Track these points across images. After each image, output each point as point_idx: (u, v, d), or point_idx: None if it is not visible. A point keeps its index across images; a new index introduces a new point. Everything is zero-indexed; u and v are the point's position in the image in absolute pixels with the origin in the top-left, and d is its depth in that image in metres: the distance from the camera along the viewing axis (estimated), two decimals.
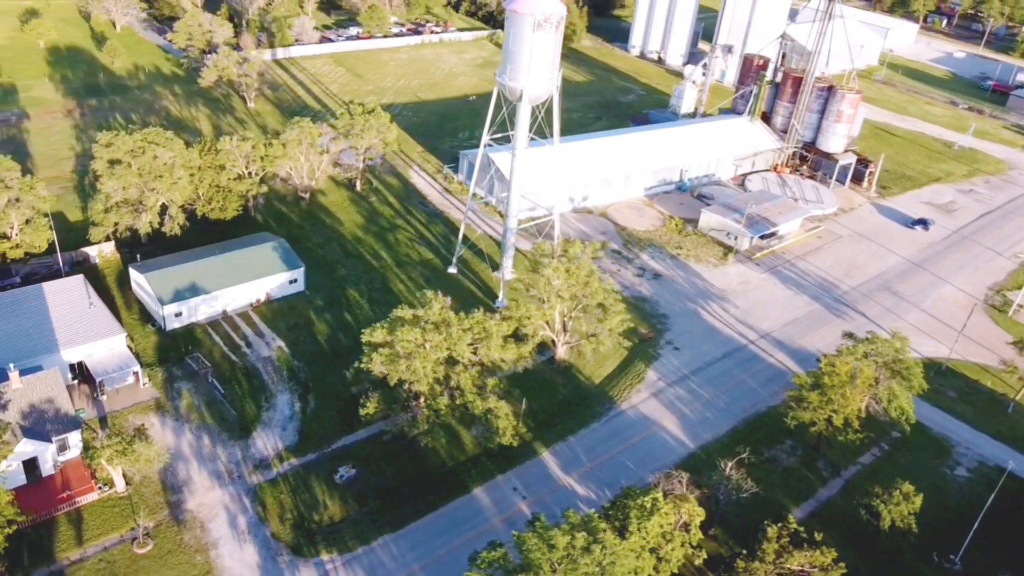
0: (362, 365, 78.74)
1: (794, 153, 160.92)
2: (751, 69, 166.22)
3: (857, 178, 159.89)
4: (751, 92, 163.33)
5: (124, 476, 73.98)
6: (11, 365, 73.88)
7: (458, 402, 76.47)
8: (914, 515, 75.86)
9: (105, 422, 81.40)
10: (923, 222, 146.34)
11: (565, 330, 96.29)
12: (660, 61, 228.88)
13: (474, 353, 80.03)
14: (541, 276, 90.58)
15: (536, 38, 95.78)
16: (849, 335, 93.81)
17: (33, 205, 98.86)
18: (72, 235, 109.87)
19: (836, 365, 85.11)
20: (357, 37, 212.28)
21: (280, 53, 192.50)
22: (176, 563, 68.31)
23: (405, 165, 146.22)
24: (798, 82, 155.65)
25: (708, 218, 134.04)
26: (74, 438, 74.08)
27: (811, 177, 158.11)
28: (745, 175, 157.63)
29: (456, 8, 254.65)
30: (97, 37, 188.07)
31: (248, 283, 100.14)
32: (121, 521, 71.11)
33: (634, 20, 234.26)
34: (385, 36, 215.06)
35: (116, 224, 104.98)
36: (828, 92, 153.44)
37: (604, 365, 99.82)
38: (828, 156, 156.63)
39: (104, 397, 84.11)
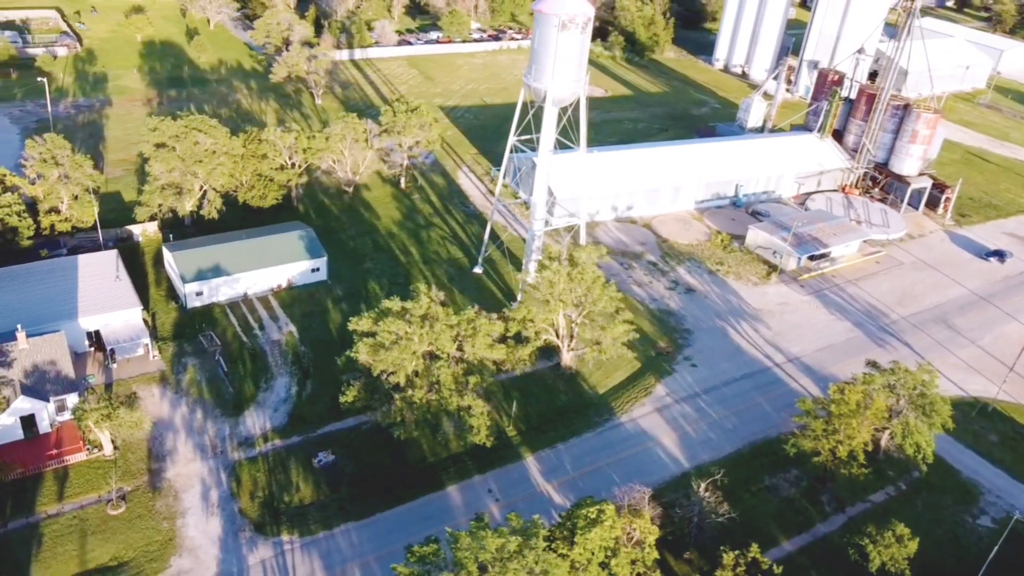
0: (351, 354, 79.54)
1: (865, 174, 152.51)
2: (825, 84, 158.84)
3: (932, 203, 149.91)
4: (821, 108, 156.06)
5: (112, 441, 77.18)
6: (19, 326, 78.48)
7: (434, 397, 75.91)
8: (909, 560, 69.96)
9: (111, 388, 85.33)
10: (999, 254, 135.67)
11: (572, 337, 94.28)
12: (744, 75, 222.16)
13: (459, 349, 79.42)
14: (543, 279, 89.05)
15: (561, 39, 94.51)
16: (872, 364, 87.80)
17: (81, 182, 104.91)
18: (124, 214, 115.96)
19: (845, 393, 79.86)
20: (436, 41, 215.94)
21: (358, 54, 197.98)
22: (143, 527, 70.60)
23: (455, 166, 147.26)
24: (872, 99, 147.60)
25: (755, 235, 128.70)
26: (72, 400, 77.84)
27: (881, 200, 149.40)
28: (808, 194, 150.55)
29: None
30: (190, 33, 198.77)
31: (270, 268, 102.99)
32: (102, 483, 74.14)
33: (719, 32, 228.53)
34: (464, 41, 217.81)
35: (160, 205, 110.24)
36: (904, 111, 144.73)
37: (612, 376, 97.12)
38: (901, 179, 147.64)
39: (115, 365, 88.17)
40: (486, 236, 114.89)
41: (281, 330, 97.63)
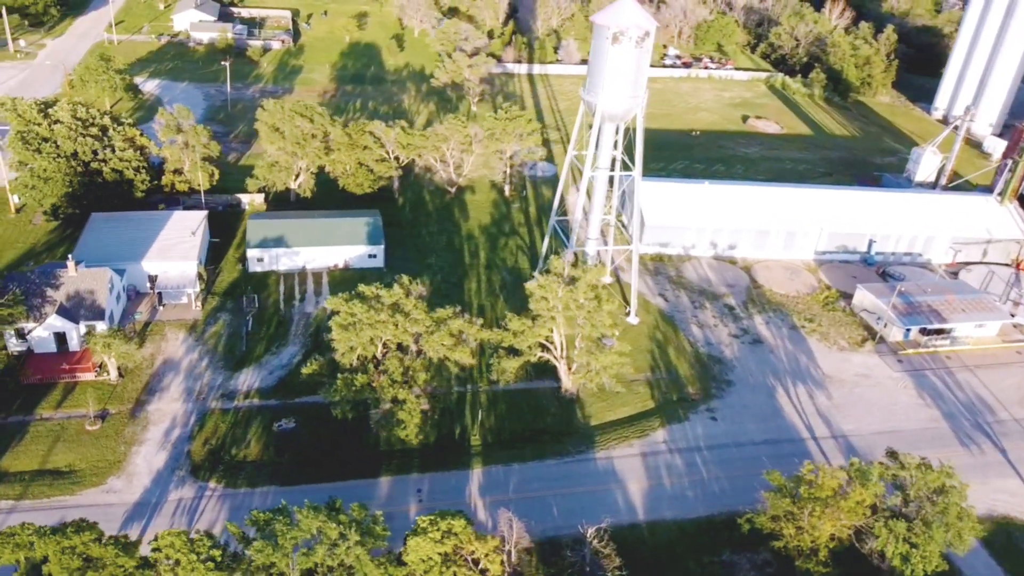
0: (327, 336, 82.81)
1: None
2: (1018, 142, 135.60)
3: None
4: (1007, 167, 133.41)
5: (118, 369, 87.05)
6: (70, 256, 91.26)
7: (375, 384, 76.63)
8: None
9: (149, 326, 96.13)
10: None
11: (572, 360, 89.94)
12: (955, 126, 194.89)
13: (415, 343, 79.48)
14: (537, 294, 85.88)
15: (613, 52, 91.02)
16: (891, 454, 74.21)
17: (199, 150, 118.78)
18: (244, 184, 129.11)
19: (819, 475, 68.52)
20: None
21: (536, 69, 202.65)
22: (103, 446, 78.94)
23: (571, 181, 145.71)
24: None
25: (862, 296, 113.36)
26: (100, 327, 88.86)
27: None
28: (966, 264, 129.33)
29: (753, 49, 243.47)
30: (394, 38, 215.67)
31: (329, 247, 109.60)
32: (96, 402, 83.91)
33: (943, 78, 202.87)
34: (652, 65, 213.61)
35: (266, 179, 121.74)
36: None
37: (616, 410, 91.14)
38: None
39: (162, 307, 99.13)
40: (544, 248, 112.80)
41: (316, 305, 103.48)
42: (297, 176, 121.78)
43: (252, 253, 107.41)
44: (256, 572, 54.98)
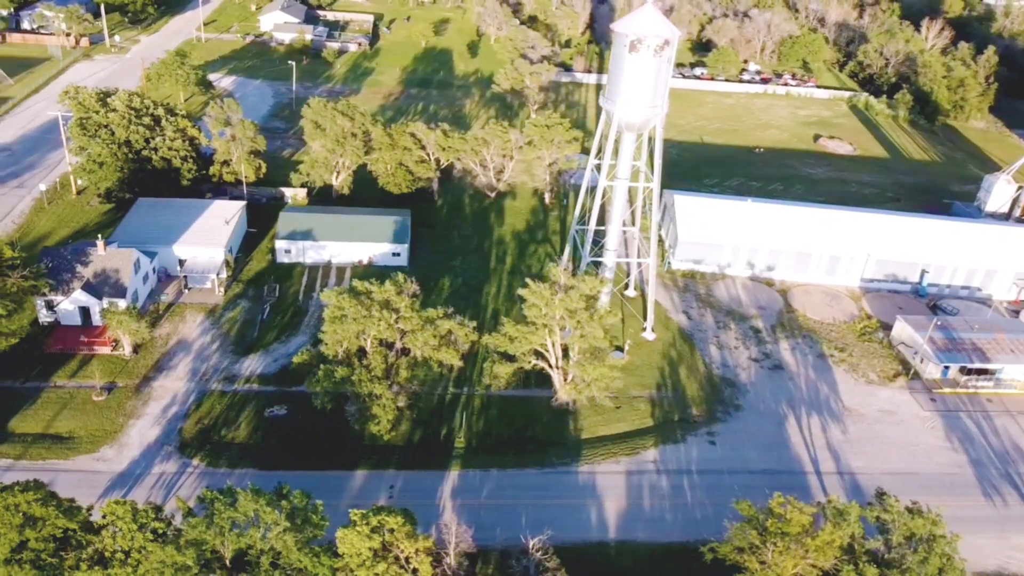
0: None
1: None
2: None
3: None
4: None
5: (133, 345, 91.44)
6: (99, 235, 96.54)
7: (354, 377, 77.52)
8: None
9: (171, 307, 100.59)
10: None
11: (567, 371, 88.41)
12: None
13: (400, 340, 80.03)
14: (529, 301, 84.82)
15: (631, 60, 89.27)
16: (881, 493, 69.47)
17: (244, 144, 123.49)
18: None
19: (789, 509, 64.85)
20: (697, 77, 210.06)
21: (605, 79, 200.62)
22: (104, 417, 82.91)
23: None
24: None
25: (902, 329, 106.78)
26: (121, 304, 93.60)
27: None
28: None
29: (841, 67, 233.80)
30: (468, 45, 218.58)
31: (354, 243, 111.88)
32: (107, 374, 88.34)
33: None
34: (727, 80, 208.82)
35: (308, 175, 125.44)
36: None
37: (611, 425, 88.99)
38: None
39: (188, 290, 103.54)
40: (564, 257, 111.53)
41: None
42: (337, 173, 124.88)
43: (280, 244, 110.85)
44: (186, 546, 56.50)
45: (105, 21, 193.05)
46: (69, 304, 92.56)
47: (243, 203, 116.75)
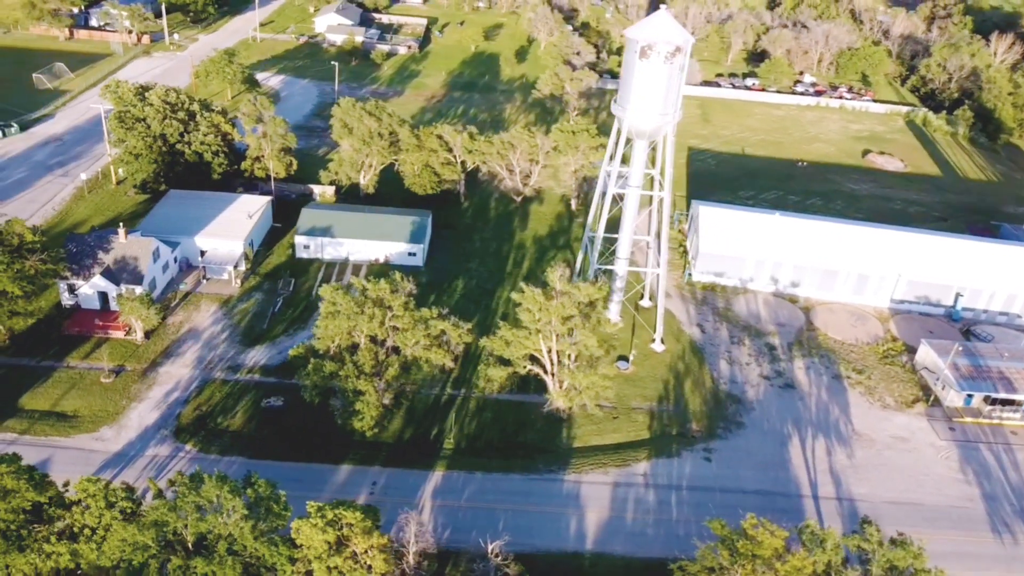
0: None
1: None
2: None
3: None
4: None
5: (145, 331, 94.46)
6: (121, 224, 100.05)
7: (341, 373, 78.34)
8: None
9: (188, 296, 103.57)
10: None
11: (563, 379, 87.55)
12: None
13: (388, 337, 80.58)
14: (523, 305, 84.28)
15: (641, 67, 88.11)
16: (866, 521, 66.55)
17: (277, 141, 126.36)
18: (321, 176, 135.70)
19: (761, 531, 62.75)
20: (749, 88, 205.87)
21: None
22: (109, 398, 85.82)
23: (645, 201, 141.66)
24: None
25: (926, 353, 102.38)
26: (138, 291, 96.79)
27: None
28: None
29: (903, 81, 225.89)
30: (518, 51, 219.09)
31: (371, 242, 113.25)
32: (117, 358, 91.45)
33: None
34: (779, 91, 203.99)
35: (336, 173, 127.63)
36: None
37: (605, 435, 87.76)
38: None
39: (206, 281, 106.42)
40: (579, 263, 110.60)
41: None
42: (364, 173, 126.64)
43: (300, 240, 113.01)
44: (147, 527, 57.97)
45: (166, 20, 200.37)
46: (88, 289, 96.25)
47: (268, 199, 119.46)
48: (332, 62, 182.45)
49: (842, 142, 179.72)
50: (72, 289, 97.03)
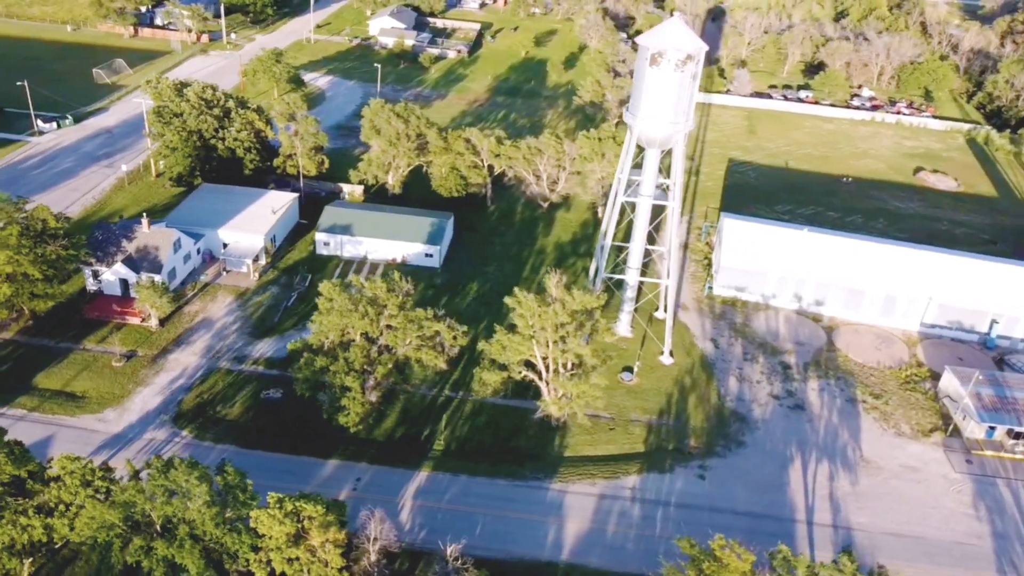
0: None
1: None
2: None
3: None
4: None
5: (159, 318, 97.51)
6: (144, 214, 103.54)
7: (332, 368, 79.28)
8: None
9: (206, 287, 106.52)
10: None
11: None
12: None
13: (380, 335, 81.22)
14: (517, 311, 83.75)
15: (652, 74, 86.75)
16: (846, 553, 63.90)
17: (309, 139, 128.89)
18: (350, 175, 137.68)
19: (728, 553, 60.90)
20: (801, 100, 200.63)
21: (699, 97, 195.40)
22: (117, 382, 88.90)
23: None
24: None
25: (949, 381, 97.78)
26: (157, 279, 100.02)
27: None
28: None
29: (969, 98, 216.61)
30: (567, 57, 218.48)
31: (389, 241, 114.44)
32: (131, 343, 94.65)
33: None
34: (833, 105, 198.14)
35: (364, 172, 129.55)
36: None
37: (599, 446, 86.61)
38: None
39: (226, 273, 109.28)
40: (591, 271, 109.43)
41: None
42: (390, 173, 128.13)
43: (320, 237, 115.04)
44: (115, 506, 59.75)
45: (224, 20, 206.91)
46: (110, 275, 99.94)
47: (294, 195, 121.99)
48: (375, 64, 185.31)
49: (893, 159, 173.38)
50: (96, 275, 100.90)
